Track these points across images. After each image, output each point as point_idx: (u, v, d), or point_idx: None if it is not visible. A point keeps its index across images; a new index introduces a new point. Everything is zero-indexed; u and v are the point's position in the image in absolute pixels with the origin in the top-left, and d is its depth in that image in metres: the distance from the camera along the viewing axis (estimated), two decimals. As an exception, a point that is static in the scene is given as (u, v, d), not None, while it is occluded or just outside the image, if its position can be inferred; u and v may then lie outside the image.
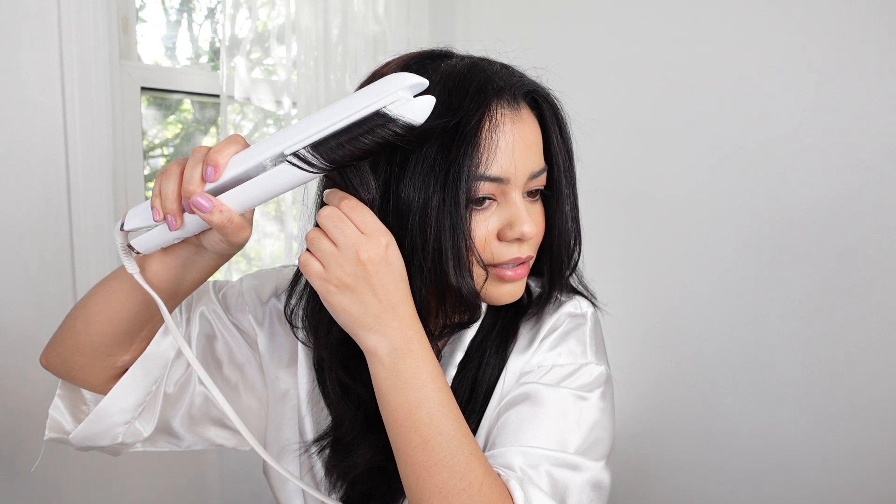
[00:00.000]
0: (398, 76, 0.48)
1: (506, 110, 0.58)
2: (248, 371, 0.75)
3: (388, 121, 0.48)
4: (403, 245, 0.56)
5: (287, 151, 0.50)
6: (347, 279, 0.53)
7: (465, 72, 0.59)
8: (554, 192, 0.64)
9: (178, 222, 0.53)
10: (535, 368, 0.65)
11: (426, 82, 0.49)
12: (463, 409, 0.65)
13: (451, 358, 0.67)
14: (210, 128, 1.60)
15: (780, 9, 1.28)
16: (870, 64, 1.19)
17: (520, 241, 0.61)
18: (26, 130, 1.16)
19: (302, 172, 0.50)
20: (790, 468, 1.32)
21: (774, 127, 1.30)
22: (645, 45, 1.48)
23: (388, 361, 0.54)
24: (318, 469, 0.70)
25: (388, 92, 0.48)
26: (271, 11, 1.52)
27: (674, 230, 1.46)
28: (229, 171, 0.51)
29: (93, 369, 0.65)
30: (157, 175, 0.54)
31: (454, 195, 0.56)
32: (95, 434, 0.67)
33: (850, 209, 1.22)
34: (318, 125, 0.49)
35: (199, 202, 0.50)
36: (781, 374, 1.32)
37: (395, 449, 0.55)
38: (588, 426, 0.62)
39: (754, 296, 1.34)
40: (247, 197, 0.52)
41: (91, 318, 0.63)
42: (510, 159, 0.58)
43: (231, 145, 0.52)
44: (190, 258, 0.58)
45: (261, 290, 0.75)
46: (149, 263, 0.59)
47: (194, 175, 0.51)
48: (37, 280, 1.19)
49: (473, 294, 0.59)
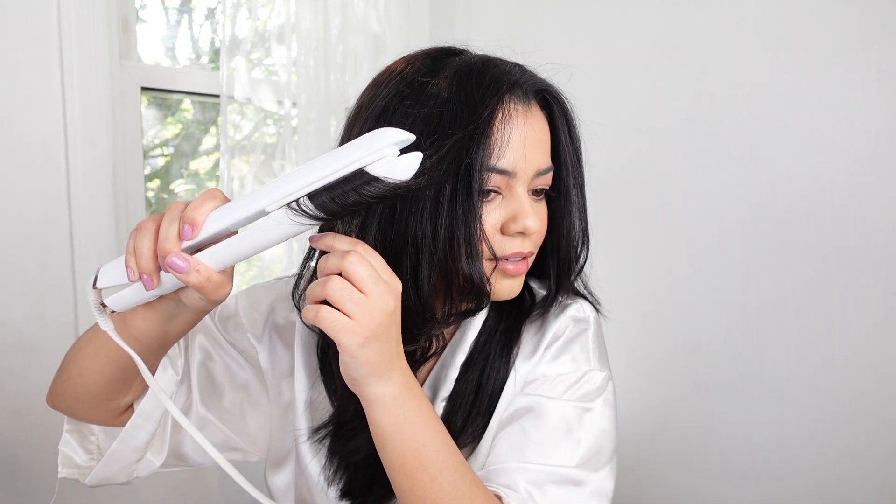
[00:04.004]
0: (384, 132, 0.45)
1: (518, 105, 0.59)
2: (251, 390, 0.75)
3: (372, 179, 0.45)
4: (410, 235, 0.56)
5: (268, 209, 0.47)
6: (378, 329, 0.50)
7: (480, 65, 0.59)
8: (561, 193, 0.64)
9: (155, 282, 0.50)
10: (540, 378, 0.65)
11: (412, 137, 0.46)
12: (467, 412, 0.65)
13: (452, 359, 0.67)
14: (210, 127, 1.60)
15: (783, 9, 1.28)
16: (874, 62, 1.19)
17: (522, 236, 0.61)
18: (26, 130, 1.16)
19: (284, 229, 0.47)
20: (793, 469, 1.32)
21: (775, 127, 1.30)
22: (645, 45, 1.47)
23: (395, 407, 0.53)
24: (314, 467, 0.70)
25: (372, 149, 0.45)
26: (271, 11, 1.52)
27: (675, 230, 1.46)
28: (207, 228, 0.48)
29: (97, 412, 0.65)
30: (132, 232, 0.51)
31: (466, 185, 0.56)
32: (111, 475, 0.67)
33: (852, 209, 1.22)
34: (301, 181, 0.46)
35: (175, 263, 0.47)
36: (784, 374, 1.32)
37: (402, 492, 0.54)
38: (593, 437, 0.62)
39: (757, 296, 1.34)
40: (226, 255, 0.49)
41: (84, 371, 0.62)
42: (520, 153, 0.58)
43: (209, 201, 0.49)
44: (172, 312, 0.55)
45: (256, 307, 0.74)
46: (132, 319, 0.56)
47: (170, 233, 0.48)
48: (37, 280, 1.19)
49: (485, 281, 0.58)
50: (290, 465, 0.73)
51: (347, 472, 0.67)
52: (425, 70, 0.59)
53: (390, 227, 0.58)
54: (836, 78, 1.22)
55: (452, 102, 0.56)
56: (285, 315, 0.74)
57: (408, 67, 0.60)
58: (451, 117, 0.56)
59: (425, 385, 0.68)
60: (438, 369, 0.68)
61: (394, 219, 0.57)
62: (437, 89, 0.58)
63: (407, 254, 0.57)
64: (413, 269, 0.58)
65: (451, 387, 0.66)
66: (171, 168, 1.58)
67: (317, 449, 0.70)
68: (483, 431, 0.65)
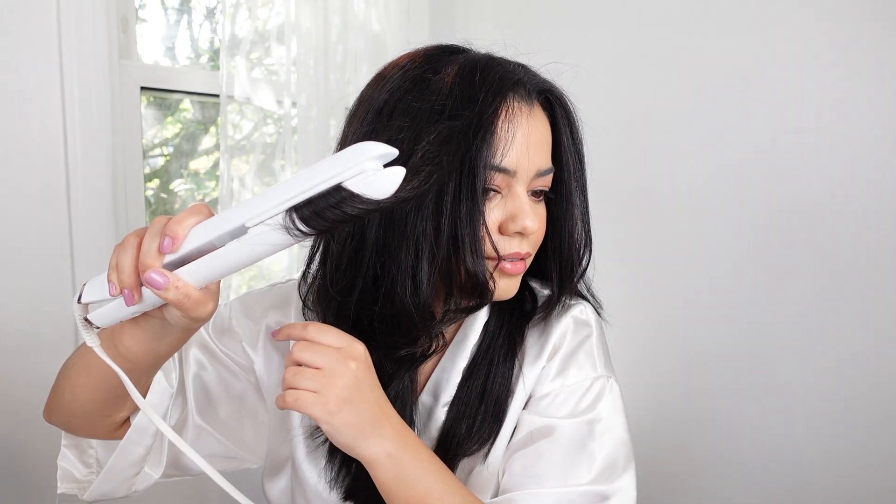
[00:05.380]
0: (366, 146, 0.43)
1: (522, 104, 0.59)
2: (248, 400, 0.74)
3: (349, 196, 0.43)
4: (411, 233, 0.56)
5: (249, 224, 0.45)
6: (343, 392, 0.53)
7: (484, 63, 0.59)
8: (563, 195, 0.64)
9: (136, 297, 0.48)
10: (550, 393, 0.65)
11: (395, 152, 0.44)
12: (473, 418, 0.64)
13: (453, 363, 0.67)
14: (210, 127, 1.60)
15: (785, 9, 1.28)
16: (879, 65, 1.19)
17: (521, 236, 0.60)
18: (26, 130, 1.16)
19: (264, 245, 0.46)
20: (798, 473, 1.32)
21: (775, 128, 1.30)
22: (645, 46, 1.47)
23: (392, 463, 0.54)
24: (310, 472, 0.69)
25: (352, 164, 0.42)
26: (271, 11, 1.52)
27: (676, 230, 1.46)
28: (189, 242, 0.47)
29: (93, 428, 0.65)
30: (115, 246, 0.50)
31: (470, 182, 0.55)
32: (109, 490, 0.67)
33: (853, 209, 1.22)
34: (280, 197, 0.44)
35: (153, 278, 0.46)
36: (789, 378, 1.31)
37: None
38: (608, 448, 0.62)
39: (759, 297, 1.34)
40: (207, 271, 0.47)
41: (77, 390, 0.61)
42: (522, 153, 0.58)
43: (193, 216, 0.47)
44: (158, 331, 0.54)
45: (250, 315, 0.73)
46: (119, 338, 0.55)
47: (152, 247, 0.47)
48: (36, 280, 1.19)
49: (488, 278, 0.58)
50: (287, 473, 0.73)
51: (350, 473, 0.67)
52: (429, 66, 0.59)
53: (390, 225, 0.57)
54: (841, 81, 1.22)
55: (455, 98, 0.56)
56: (279, 321, 0.73)
57: (411, 63, 0.60)
58: (453, 113, 0.55)
59: (425, 390, 0.68)
60: (439, 374, 0.67)
61: (394, 217, 0.57)
62: (440, 85, 0.57)
63: (407, 252, 0.57)
64: (413, 268, 0.57)
65: (454, 392, 0.66)
66: (170, 168, 1.58)
67: (314, 454, 0.69)
68: (490, 438, 0.64)
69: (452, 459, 0.64)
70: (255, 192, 1.48)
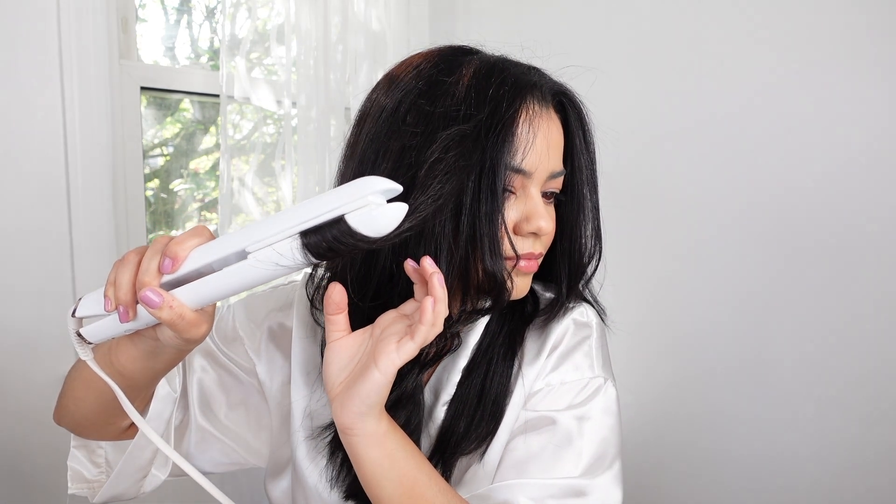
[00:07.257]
0: (369, 181, 0.43)
1: (538, 106, 0.59)
2: (251, 404, 0.74)
3: (348, 231, 0.43)
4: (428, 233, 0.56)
5: (250, 249, 0.46)
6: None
7: (500, 65, 0.59)
8: (575, 198, 0.64)
9: (131, 314, 0.48)
10: (544, 388, 0.65)
11: (399, 188, 0.43)
12: (471, 417, 0.64)
13: (454, 363, 0.66)
14: (210, 127, 1.60)
15: (786, 9, 1.28)
16: (880, 62, 1.19)
17: (535, 237, 0.61)
18: (26, 130, 1.16)
19: (264, 271, 0.46)
20: (797, 472, 1.32)
21: (776, 129, 1.30)
22: (646, 46, 1.47)
23: (387, 439, 0.55)
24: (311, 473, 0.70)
25: (354, 197, 0.43)
26: (271, 11, 1.52)
27: (677, 230, 1.46)
28: (189, 263, 0.47)
29: (100, 433, 0.66)
30: (115, 263, 0.50)
31: (491, 182, 0.55)
32: (118, 493, 0.68)
33: (855, 209, 1.22)
34: (282, 224, 0.45)
35: (149, 297, 0.46)
36: (790, 379, 1.32)
37: None
38: (594, 446, 0.62)
39: (760, 297, 1.34)
40: (204, 293, 0.47)
41: (79, 402, 0.62)
42: (541, 154, 0.58)
43: (193, 237, 0.48)
44: (152, 351, 0.54)
45: (253, 318, 0.74)
46: (115, 355, 0.55)
47: (151, 266, 0.47)
48: (36, 280, 1.19)
49: (506, 278, 0.59)
50: (289, 473, 0.73)
51: (351, 472, 0.67)
52: (444, 66, 0.59)
53: None
54: (845, 80, 1.22)
55: (471, 101, 0.56)
56: (282, 324, 0.73)
57: (425, 62, 0.60)
58: (468, 115, 0.55)
59: (426, 389, 0.68)
60: (440, 372, 0.67)
61: None
62: (454, 89, 0.57)
63: (424, 251, 0.57)
64: None
65: (453, 391, 0.66)
66: (170, 168, 1.58)
67: (315, 455, 0.69)
68: (487, 437, 0.64)
69: (450, 458, 0.65)
70: (254, 192, 1.48)
